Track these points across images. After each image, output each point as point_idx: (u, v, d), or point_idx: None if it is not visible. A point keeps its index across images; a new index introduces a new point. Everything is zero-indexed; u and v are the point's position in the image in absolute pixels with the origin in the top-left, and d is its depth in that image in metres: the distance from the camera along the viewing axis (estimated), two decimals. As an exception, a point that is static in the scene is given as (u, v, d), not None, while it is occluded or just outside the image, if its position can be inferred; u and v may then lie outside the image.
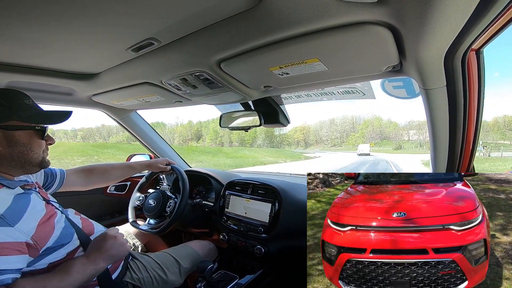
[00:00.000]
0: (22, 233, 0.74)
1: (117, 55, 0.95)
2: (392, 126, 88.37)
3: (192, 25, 0.73)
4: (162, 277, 1.11)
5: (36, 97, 1.33)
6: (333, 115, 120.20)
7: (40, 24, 0.71)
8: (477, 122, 0.87)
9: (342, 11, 0.59)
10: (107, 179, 1.34)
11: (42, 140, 0.88)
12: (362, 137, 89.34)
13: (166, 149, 2.07)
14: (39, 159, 0.88)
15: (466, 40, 0.62)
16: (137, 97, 1.39)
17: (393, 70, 0.84)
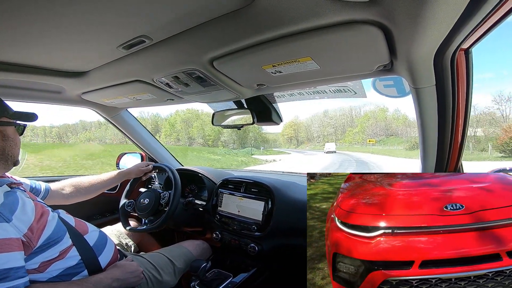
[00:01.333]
0: (17, 230, 0.74)
1: (107, 53, 0.93)
2: (401, 119, 65.82)
3: (184, 23, 0.72)
4: (156, 278, 1.11)
5: (25, 95, 1.30)
6: (327, 106, 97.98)
7: (28, 21, 0.69)
8: (465, 121, 0.89)
9: (335, 10, 0.59)
10: (89, 193, 1.35)
11: (20, 137, 0.93)
12: (362, 132, 68.59)
13: (158, 147, 2.04)
14: (18, 156, 0.92)
15: (455, 40, 0.63)
16: (128, 95, 1.37)
17: (384, 69, 0.85)
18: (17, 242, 0.73)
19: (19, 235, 0.74)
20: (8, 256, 0.70)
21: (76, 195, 1.29)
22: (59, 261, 0.83)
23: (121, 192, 1.60)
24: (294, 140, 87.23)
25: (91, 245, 0.95)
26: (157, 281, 1.10)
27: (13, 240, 0.72)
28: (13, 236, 0.72)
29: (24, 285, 0.71)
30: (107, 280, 0.88)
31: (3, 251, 0.69)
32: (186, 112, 65.63)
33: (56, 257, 0.83)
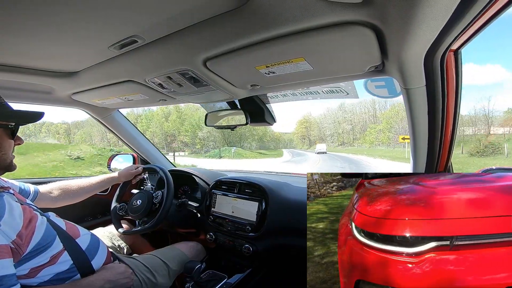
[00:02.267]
0: (5, 237, 0.71)
1: (99, 53, 0.92)
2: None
3: (177, 23, 0.72)
4: (151, 280, 1.09)
5: (13, 96, 1.27)
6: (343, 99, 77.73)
7: (17, 20, 0.67)
8: (454, 121, 0.90)
9: (327, 11, 0.60)
10: (78, 197, 1.32)
11: (12, 140, 0.85)
12: (387, 130, 50.60)
13: (150, 148, 2.02)
14: (8, 161, 0.85)
15: (445, 41, 0.64)
16: (119, 96, 1.35)
17: (375, 70, 0.86)
18: (7, 249, 0.70)
19: (8, 241, 0.71)
20: (3, 263, 0.68)
21: (64, 199, 1.26)
22: (50, 266, 0.81)
23: (112, 193, 1.58)
24: (306, 139, 75.48)
25: (83, 249, 0.93)
26: (151, 283, 1.09)
27: (2, 247, 0.69)
28: (1, 243, 0.70)
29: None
30: (98, 282, 0.87)
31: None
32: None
33: (46, 263, 0.81)
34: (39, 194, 1.16)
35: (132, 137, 1.92)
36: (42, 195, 1.17)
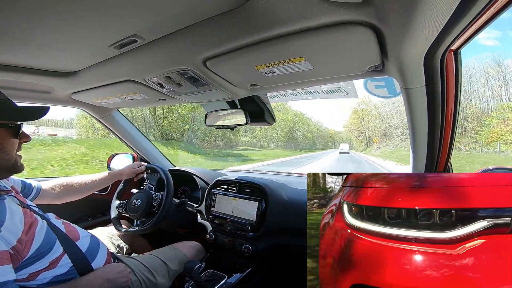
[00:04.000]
0: (5, 242, 0.70)
1: (98, 52, 0.92)
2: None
3: (177, 23, 0.72)
4: (151, 280, 1.09)
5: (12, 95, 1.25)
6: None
7: (17, 20, 0.67)
8: (454, 121, 0.90)
9: (327, 11, 0.60)
10: (80, 194, 1.32)
11: (16, 138, 0.81)
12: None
13: (149, 148, 2.02)
14: (11, 162, 0.81)
15: (445, 41, 0.64)
16: (119, 95, 1.35)
17: (375, 70, 0.86)
18: (6, 255, 0.70)
19: (7, 247, 0.71)
20: (4, 270, 0.68)
21: (66, 195, 1.26)
22: (49, 270, 0.81)
23: (112, 193, 1.58)
24: (363, 136, 55.35)
25: (83, 251, 0.93)
26: (151, 283, 1.09)
27: (2, 253, 0.69)
28: (1, 249, 0.69)
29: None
30: (97, 281, 0.87)
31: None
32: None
33: (45, 267, 0.81)
34: (41, 191, 1.15)
35: (132, 137, 1.92)
36: (45, 192, 1.17)
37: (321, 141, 65.55)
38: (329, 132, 71.26)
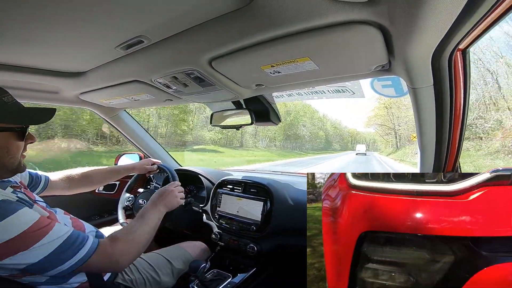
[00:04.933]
0: (39, 211, 0.77)
1: (105, 53, 0.93)
2: None
3: (182, 23, 0.72)
4: (154, 278, 1.10)
5: (21, 95, 1.29)
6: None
7: (26, 21, 0.69)
8: (463, 121, 0.89)
9: (333, 11, 0.59)
10: (90, 185, 1.33)
11: (21, 141, 0.80)
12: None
13: (156, 148, 2.04)
14: (15, 164, 0.81)
15: (453, 40, 0.63)
16: (126, 96, 1.36)
17: (382, 70, 0.85)
18: (48, 219, 0.74)
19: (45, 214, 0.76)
20: (60, 226, 0.73)
21: (76, 186, 1.27)
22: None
23: (119, 193, 1.60)
24: (392, 134, 41.93)
25: None
26: (155, 281, 1.10)
27: (44, 218, 0.73)
28: (42, 215, 0.73)
29: (97, 238, 0.78)
30: (160, 212, 1.04)
31: (52, 225, 0.72)
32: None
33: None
34: (49, 182, 1.16)
35: (139, 137, 1.94)
36: (54, 183, 1.18)
37: (339, 141, 56.51)
38: (350, 132, 62.52)
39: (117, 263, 0.81)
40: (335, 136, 55.59)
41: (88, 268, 0.75)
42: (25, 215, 0.69)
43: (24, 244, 0.66)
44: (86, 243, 0.75)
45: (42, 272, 0.70)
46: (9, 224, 0.66)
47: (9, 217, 0.66)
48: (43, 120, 0.84)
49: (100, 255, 0.77)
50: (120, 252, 0.82)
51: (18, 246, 0.65)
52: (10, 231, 0.65)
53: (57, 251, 0.69)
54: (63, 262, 0.70)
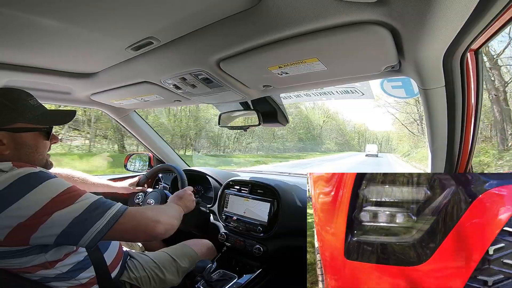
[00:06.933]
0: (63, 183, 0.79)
1: (116, 54, 0.95)
2: None
3: (191, 25, 0.73)
4: (160, 277, 1.11)
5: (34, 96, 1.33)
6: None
7: (38, 23, 0.70)
8: (475, 122, 0.87)
9: (341, 11, 0.59)
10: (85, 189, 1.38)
11: (47, 140, 0.87)
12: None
13: (165, 148, 2.06)
14: (43, 161, 0.87)
15: (465, 41, 0.62)
16: (136, 96, 1.38)
17: (392, 70, 0.84)
18: (75, 187, 0.78)
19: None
20: (89, 194, 0.78)
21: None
22: (67, 258, 0.84)
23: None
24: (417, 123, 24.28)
25: None
26: (160, 280, 1.11)
27: (72, 188, 0.76)
28: (68, 186, 0.76)
29: (124, 207, 0.81)
30: (181, 210, 1.08)
31: (84, 191, 0.77)
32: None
33: (65, 255, 0.83)
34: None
35: (148, 137, 1.97)
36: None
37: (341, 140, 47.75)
38: (356, 128, 53.66)
39: (153, 223, 0.84)
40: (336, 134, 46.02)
41: (124, 227, 0.78)
42: (61, 181, 0.76)
43: (60, 204, 0.71)
44: (116, 204, 0.80)
45: (76, 238, 0.73)
46: (48, 186, 0.72)
47: (48, 181, 0.73)
48: (65, 121, 0.91)
49: (130, 217, 0.81)
50: (155, 214, 0.87)
51: (55, 206, 0.70)
52: (48, 192, 0.71)
53: (89, 209, 0.74)
54: (95, 221, 0.74)
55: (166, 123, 15.37)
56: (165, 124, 15.51)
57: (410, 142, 26.52)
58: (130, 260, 1.11)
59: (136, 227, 0.82)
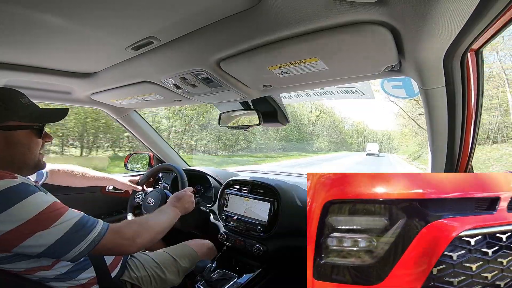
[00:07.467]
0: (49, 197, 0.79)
1: (116, 54, 0.95)
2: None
3: (191, 24, 0.73)
4: (160, 276, 1.11)
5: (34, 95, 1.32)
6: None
7: (38, 23, 0.71)
8: (476, 122, 0.87)
9: (342, 11, 0.59)
10: (85, 183, 1.41)
11: (40, 139, 0.86)
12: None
13: (165, 148, 2.06)
14: (35, 160, 0.86)
15: (465, 41, 0.62)
16: (136, 96, 1.38)
17: (392, 70, 0.84)
18: (60, 204, 0.77)
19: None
20: (72, 211, 0.77)
21: (71, 182, 1.36)
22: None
23: (128, 192, 1.62)
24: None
25: None
26: (160, 279, 1.11)
27: (57, 204, 0.76)
28: (54, 201, 0.76)
29: (106, 226, 0.80)
30: (177, 213, 1.09)
31: (66, 209, 0.76)
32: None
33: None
34: (48, 175, 1.22)
35: (149, 137, 1.97)
36: (51, 176, 1.24)
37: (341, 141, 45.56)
38: (356, 126, 50.88)
39: (130, 242, 0.83)
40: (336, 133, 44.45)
41: (104, 247, 0.78)
42: (42, 197, 0.74)
43: (42, 224, 0.69)
44: (98, 224, 0.79)
45: (60, 255, 0.72)
46: (28, 205, 0.69)
47: (28, 198, 0.70)
48: (58, 118, 0.90)
49: (114, 234, 0.80)
50: (134, 233, 0.85)
51: (36, 226, 0.68)
52: (29, 211, 0.69)
53: (72, 230, 0.72)
54: (77, 243, 0.73)
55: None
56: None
57: (418, 139, 23.44)
58: (131, 259, 1.11)
59: (116, 246, 0.81)
